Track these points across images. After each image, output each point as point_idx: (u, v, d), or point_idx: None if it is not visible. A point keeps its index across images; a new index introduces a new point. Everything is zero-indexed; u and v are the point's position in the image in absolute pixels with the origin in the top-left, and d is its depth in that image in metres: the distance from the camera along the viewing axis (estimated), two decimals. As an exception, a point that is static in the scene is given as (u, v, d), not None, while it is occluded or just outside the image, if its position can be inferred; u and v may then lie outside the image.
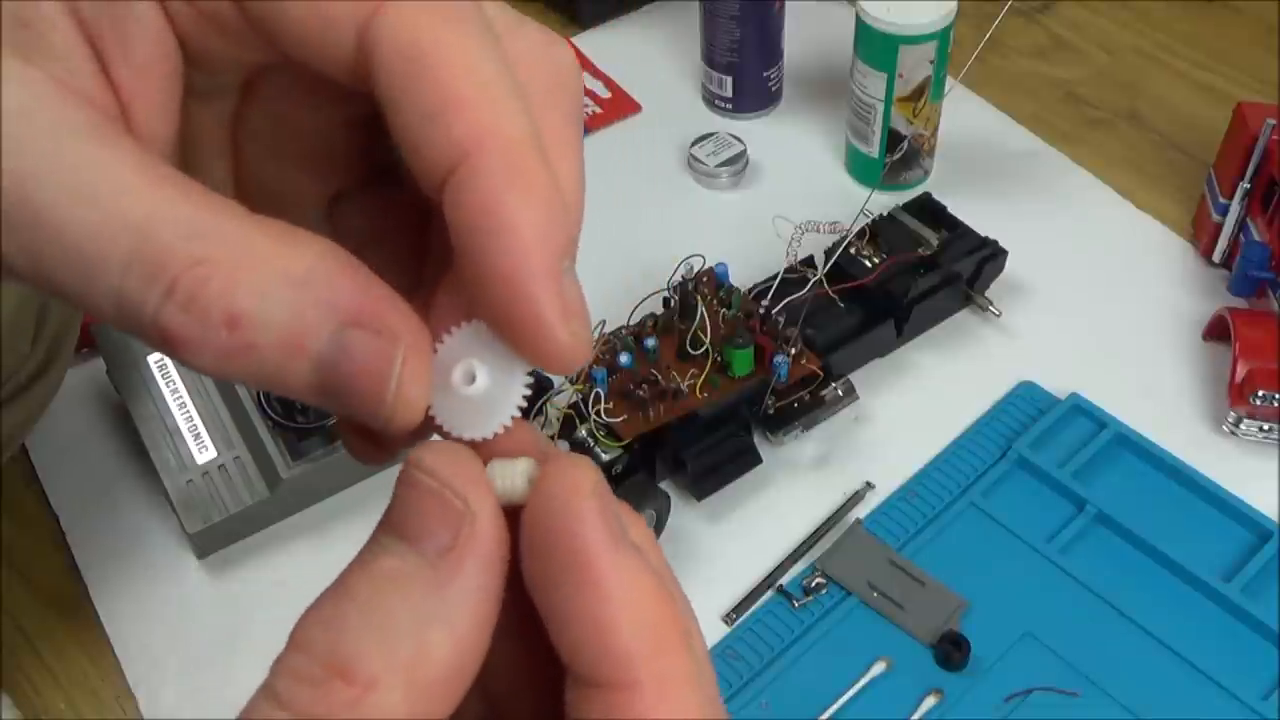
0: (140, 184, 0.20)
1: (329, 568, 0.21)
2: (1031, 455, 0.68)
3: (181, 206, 0.20)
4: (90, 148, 0.20)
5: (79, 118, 0.20)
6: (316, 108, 0.25)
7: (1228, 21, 0.96)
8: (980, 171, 0.85)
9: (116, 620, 0.65)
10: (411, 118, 0.20)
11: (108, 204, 0.20)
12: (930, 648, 0.61)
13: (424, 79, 0.20)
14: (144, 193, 0.20)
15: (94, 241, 0.20)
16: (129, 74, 0.22)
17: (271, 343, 0.20)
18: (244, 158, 0.26)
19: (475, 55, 0.20)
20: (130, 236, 0.19)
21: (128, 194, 0.20)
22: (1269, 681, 0.60)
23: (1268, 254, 0.73)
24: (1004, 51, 0.94)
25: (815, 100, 0.90)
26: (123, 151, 0.20)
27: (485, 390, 0.22)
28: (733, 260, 0.71)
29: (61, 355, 0.60)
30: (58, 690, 0.63)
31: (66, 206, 0.20)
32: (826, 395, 0.70)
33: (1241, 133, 0.74)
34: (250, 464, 0.66)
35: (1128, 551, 0.65)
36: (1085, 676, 0.60)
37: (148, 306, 0.20)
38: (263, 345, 0.20)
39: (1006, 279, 0.76)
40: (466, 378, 0.22)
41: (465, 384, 0.22)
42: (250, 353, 0.20)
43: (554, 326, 0.20)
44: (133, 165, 0.20)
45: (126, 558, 0.67)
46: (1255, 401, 0.67)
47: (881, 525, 0.66)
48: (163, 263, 0.19)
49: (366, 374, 0.20)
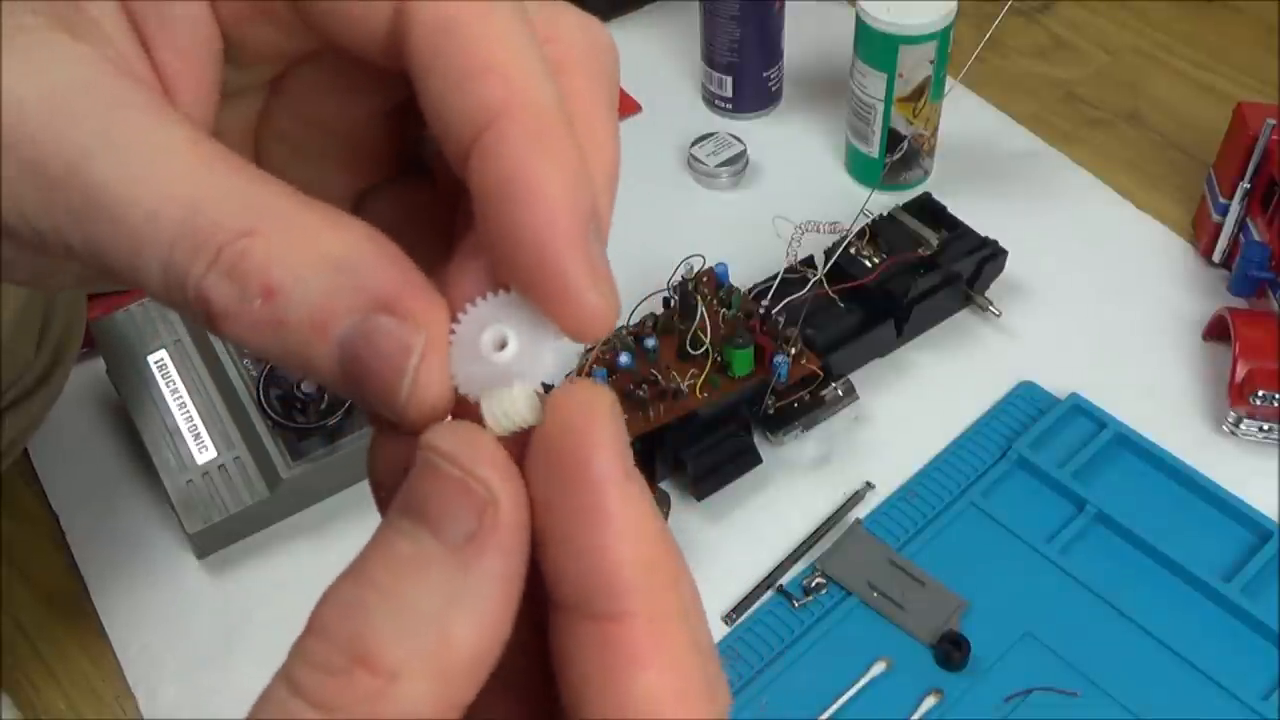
0: (194, 159, 0.20)
1: (329, 568, 0.21)
2: (1031, 455, 0.68)
3: (233, 181, 0.20)
4: (147, 121, 0.21)
5: (134, 93, 0.21)
6: (344, 103, 0.25)
7: (1228, 21, 0.96)
8: (980, 171, 0.85)
9: (116, 620, 0.65)
10: (441, 84, 0.21)
11: (162, 178, 0.20)
12: (930, 648, 0.61)
13: (454, 47, 0.21)
14: (197, 168, 0.20)
15: (146, 214, 0.20)
16: (172, 59, 0.22)
17: (300, 320, 0.20)
18: (268, 159, 0.26)
19: (505, 26, 0.21)
20: (181, 210, 0.20)
21: (181, 168, 0.20)
22: (1269, 681, 0.60)
23: (1268, 254, 0.73)
24: (1004, 51, 0.94)
25: (815, 100, 0.91)
26: (176, 126, 0.21)
27: (514, 356, 0.21)
28: (733, 260, 0.71)
29: (65, 361, 0.60)
30: (58, 690, 0.63)
31: (121, 179, 0.20)
32: (826, 395, 0.70)
33: (1241, 133, 0.74)
34: (250, 464, 0.66)
35: (1128, 551, 0.65)
36: (1085, 676, 0.60)
37: (191, 277, 0.20)
38: (291, 322, 0.20)
39: (1006, 279, 0.76)
40: (496, 343, 0.21)
41: (494, 350, 0.21)
42: (280, 328, 0.20)
43: (583, 289, 0.20)
44: (186, 140, 0.21)
45: (126, 558, 0.67)
46: (1255, 401, 0.67)
47: (881, 525, 0.66)
48: (210, 234, 0.20)
49: (383, 361, 0.20)
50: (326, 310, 0.20)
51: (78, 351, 0.61)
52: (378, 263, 0.20)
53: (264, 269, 0.20)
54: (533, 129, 0.20)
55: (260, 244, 0.20)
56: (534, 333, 0.21)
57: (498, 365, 0.21)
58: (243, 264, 0.20)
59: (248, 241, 0.20)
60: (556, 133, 0.20)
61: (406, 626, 0.19)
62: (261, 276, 0.20)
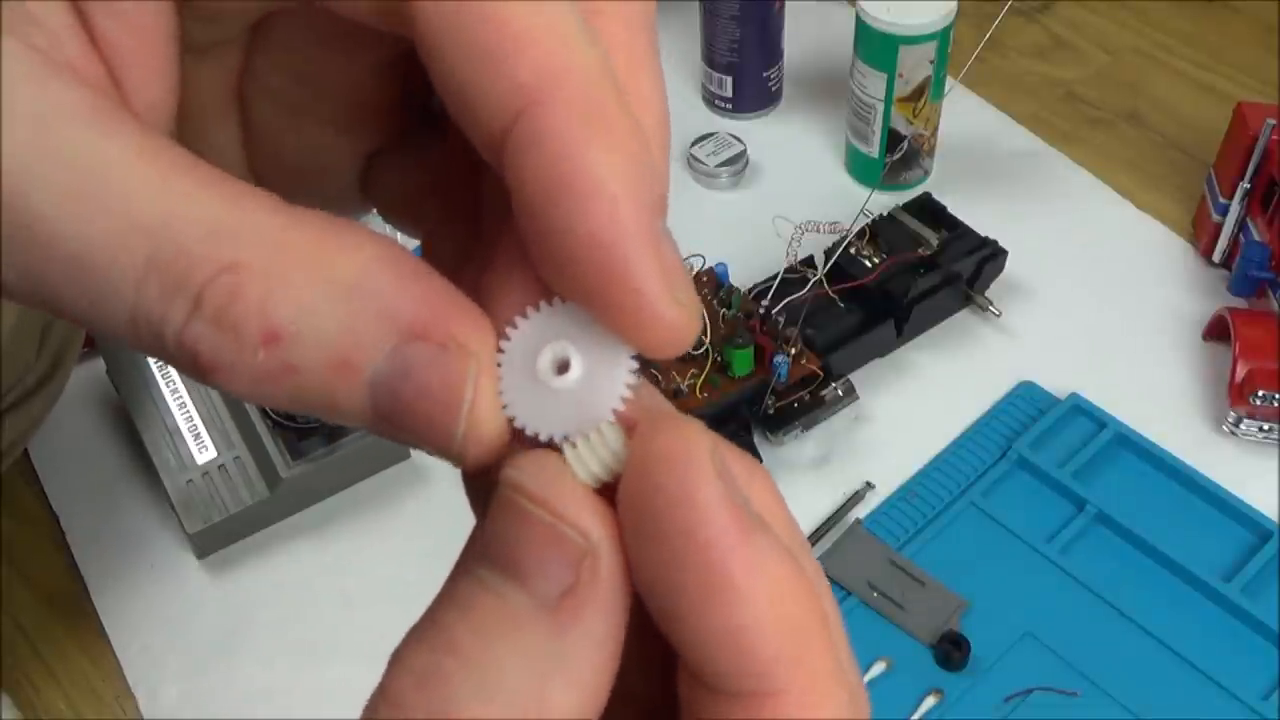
0: (152, 176, 0.16)
1: (329, 568, 0.21)
2: (1031, 455, 0.68)
3: (203, 200, 0.17)
4: (88, 135, 0.17)
5: (70, 98, 0.17)
6: (341, 54, 0.21)
7: (1228, 21, 0.96)
8: (980, 171, 0.85)
9: (116, 620, 0.65)
10: (464, 62, 0.17)
11: (115, 203, 0.16)
12: (930, 648, 0.61)
13: (479, 16, 0.17)
14: (157, 186, 0.16)
15: (102, 250, 0.16)
16: (117, 30, 0.18)
17: (318, 363, 0.17)
18: (255, 121, 0.22)
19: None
20: (145, 241, 0.16)
21: (138, 189, 0.16)
22: (1269, 681, 0.60)
23: (1268, 254, 0.73)
24: (1004, 51, 0.94)
25: (815, 100, 0.90)
26: (126, 136, 0.17)
27: (581, 381, 0.18)
28: (733, 260, 0.71)
29: (65, 363, 0.59)
30: (58, 690, 0.63)
31: (65, 210, 0.16)
32: (826, 395, 0.70)
33: (1241, 133, 0.74)
34: (250, 464, 0.66)
35: (1128, 551, 0.65)
36: (1085, 676, 0.60)
37: (170, 324, 0.16)
38: (307, 366, 0.17)
39: (1006, 279, 0.76)
40: (557, 367, 0.18)
41: (555, 375, 0.18)
42: (291, 375, 0.17)
43: (658, 297, 0.17)
44: (140, 152, 0.17)
45: (126, 558, 0.67)
46: (1255, 401, 0.67)
47: (881, 525, 0.66)
48: (185, 271, 0.16)
49: (432, 399, 0.17)
50: (349, 347, 0.17)
51: (79, 352, 0.61)
52: (398, 280, 0.17)
53: (261, 310, 0.16)
54: (581, 107, 0.17)
55: (251, 279, 0.16)
56: (601, 352, 0.18)
57: (561, 393, 0.18)
58: (233, 306, 0.16)
59: (233, 278, 0.16)
60: (610, 109, 0.17)
61: (496, 700, 0.16)
62: (260, 320, 0.16)
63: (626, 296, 0.17)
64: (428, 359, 0.17)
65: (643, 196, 0.17)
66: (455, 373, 0.17)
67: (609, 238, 0.16)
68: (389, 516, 0.67)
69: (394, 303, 0.17)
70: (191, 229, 0.16)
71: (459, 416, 0.17)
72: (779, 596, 0.17)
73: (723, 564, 0.16)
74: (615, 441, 0.18)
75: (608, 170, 0.16)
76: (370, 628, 0.62)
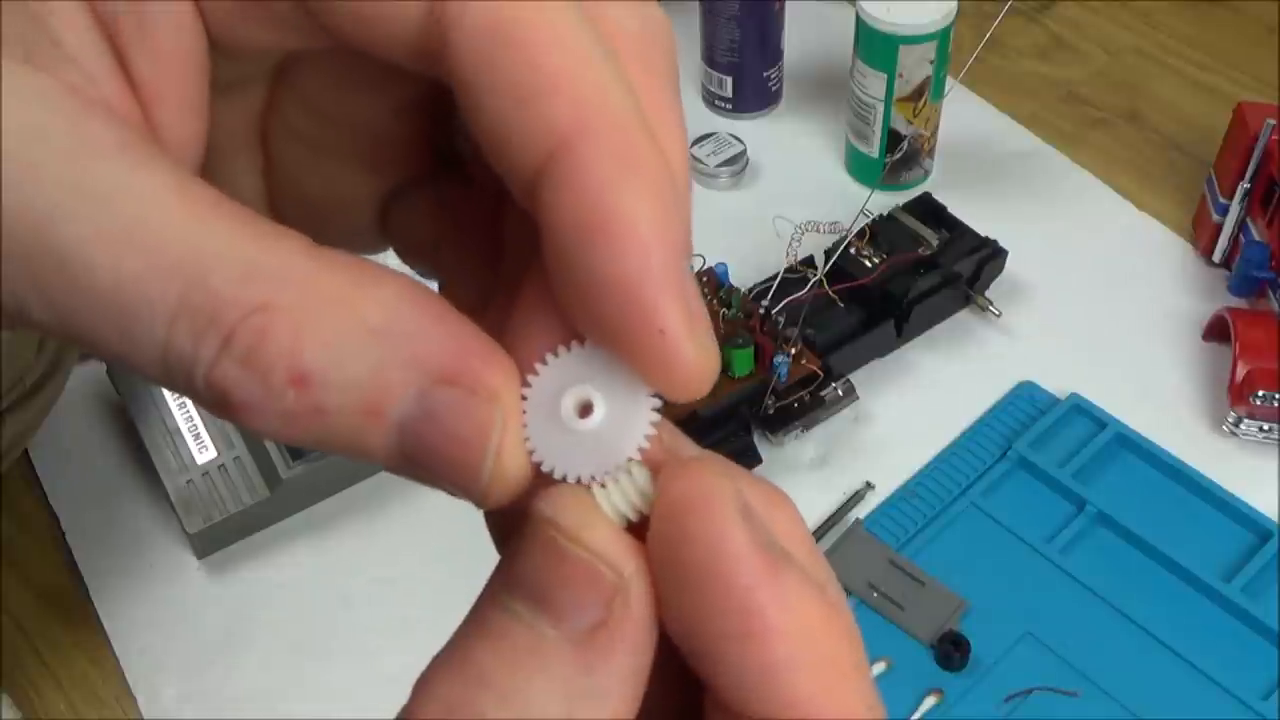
0: (185, 214, 0.17)
1: (329, 568, 0.21)
2: (1031, 455, 0.68)
3: (235, 241, 0.17)
4: (122, 171, 0.17)
5: (105, 136, 0.17)
6: (365, 94, 0.21)
7: (1228, 21, 0.96)
8: (980, 171, 0.85)
9: (116, 620, 0.65)
10: (500, 102, 0.17)
11: (148, 242, 0.16)
12: (930, 648, 0.61)
13: (515, 57, 0.17)
14: (190, 226, 0.17)
15: (133, 288, 0.16)
16: (149, 67, 0.18)
17: (346, 407, 0.17)
18: (277, 159, 0.22)
19: (568, 26, 0.17)
20: (177, 280, 0.16)
21: (171, 228, 0.17)
22: (1269, 681, 0.60)
23: (1268, 254, 0.73)
24: (1004, 51, 0.94)
25: (815, 100, 0.90)
26: (160, 174, 0.17)
27: (604, 423, 0.18)
28: (733, 260, 0.71)
29: (65, 363, 0.59)
30: (58, 690, 0.63)
31: (98, 248, 0.16)
32: (826, 395, 0.70)
33: (1241, 133, 0.74)
34: (250, 464, 0.66)
35: (1128, 551, 0.65)
36: (1085, 676, 0.60)
37: (200, 363, 0.17)
38: (335, 409, 0.17)
39: (1006, 279, 0.76)
40: (580, 409, 0.18)
41: (579, 417, 0.18)
42: (319, 418, 0.17)
43: (679, 341, 0.17)
44: (173, 190, 0.17)
45: (126, 558, 0.67)
46: (1255, 401, 0.67)
47: (881, 525, 0.66)
48: (216, 311, 0.16)
49: (458, 442, 0.17)
50: (378, 391, 0.17)
51: (78, 353, 0.61)
52: (426, 324, 0.17)
53: (291, 352, 0.16)
54: (615, 148, 0.17)
55: (281, 320, 0.16)
56: (623, 395, 0.18)
57: (584, 435, 0.18)
58: (263, 347, 0.16)
59: (264, 318, 0.16)
60: (642, 150, 0.17)
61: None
62: (290, 361, 0.16)
63: (651, 338, 0.17)
64: (455, 404, 0.17)
65: (671, 239, 0.17)
66: (483, 417, 0.17)
67: (638, 279, 0.17)
68: (389, 516, 0.67)
69: (422, 347, 0.17)
70: (224, 269, 0.16)
71: (485, 461, 0.17)
72: (811, 636, 0.17)
73: (756, 607, 0.17)
74: (643, 482, 0.18)
75: (640, 212, 0.17)
76: (370, 628, 0.62)
